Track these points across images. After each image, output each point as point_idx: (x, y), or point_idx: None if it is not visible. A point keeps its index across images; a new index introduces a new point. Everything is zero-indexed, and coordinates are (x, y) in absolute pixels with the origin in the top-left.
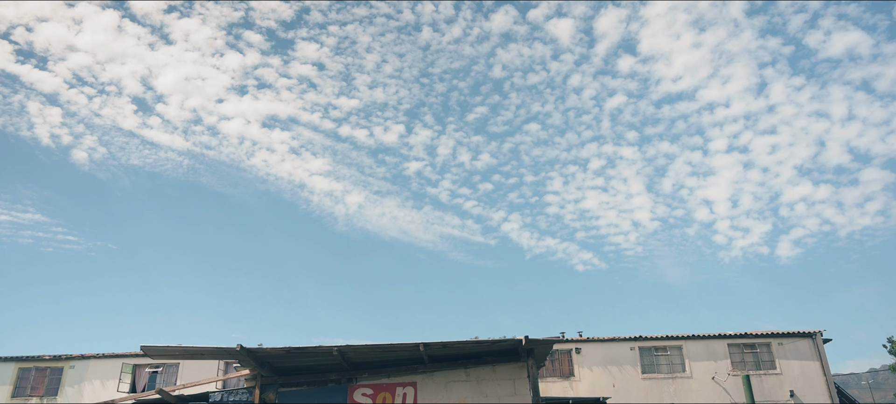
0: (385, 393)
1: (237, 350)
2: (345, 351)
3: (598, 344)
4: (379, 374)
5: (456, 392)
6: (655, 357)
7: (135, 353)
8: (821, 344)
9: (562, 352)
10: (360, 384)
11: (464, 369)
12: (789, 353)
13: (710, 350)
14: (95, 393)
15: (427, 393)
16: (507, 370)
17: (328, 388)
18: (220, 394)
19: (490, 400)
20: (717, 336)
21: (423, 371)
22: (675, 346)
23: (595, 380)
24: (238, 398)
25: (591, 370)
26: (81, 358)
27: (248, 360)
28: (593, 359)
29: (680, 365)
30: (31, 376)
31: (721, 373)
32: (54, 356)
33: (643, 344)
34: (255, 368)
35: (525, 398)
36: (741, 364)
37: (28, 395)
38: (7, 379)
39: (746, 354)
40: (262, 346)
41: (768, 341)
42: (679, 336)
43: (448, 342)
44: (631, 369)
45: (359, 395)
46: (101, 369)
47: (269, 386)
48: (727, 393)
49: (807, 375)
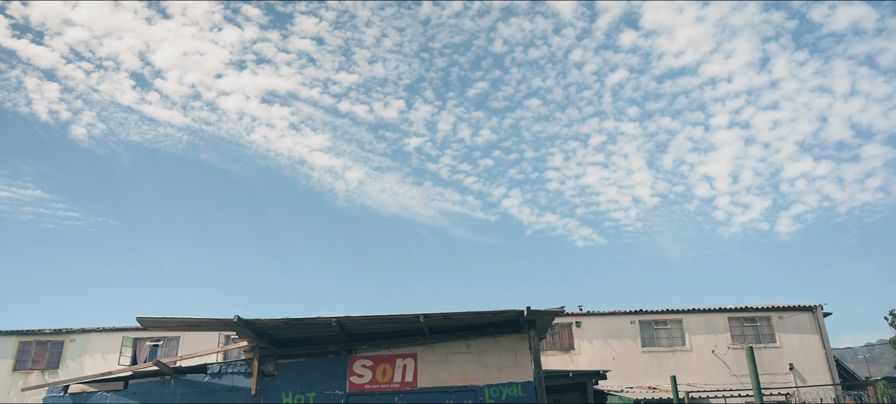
0: (385, 365)
1: (234, 321)
2: (344, 322)
3: (598, 317)
4: (378, 346)
5: (456, 363)
6: (655, 330)
7: (135, 327)
8: (821, 317)
9: (562, 326)
10: (360, 355)
11: (464, 341)
12: (789, 327)
13: (710, 323)
14: (96, 366)
15: (427, 364)
16: (508, 341)
17: (327, 360)
18: (217, 366)
19: (491, 372)
20: (718, 309)
21: (423, 342)
22: (675, 320)
23: (595, 354)
24: (236, 369)
25: (591, 343)
26: (82, 332)
27: (245, 331)
28: (593, 333)
29: (680, 338)
30: (31, 349)
31: (721, 347)
32: (55, 330)
33: (643, 318)
34: (253, 339)
35: (526, 369)
36: (741, 337)
37: (29, 368)
38: (8, 353)
39: (746, 327)
40: (259, 318)
41: (769, 314)
42: (679, 309)
43: (448, 313)
44: (631, 342)
45: (358, 367)
46: (101, 342)
47: (267, 358)
48: (727, 367)
49: (806, 348)
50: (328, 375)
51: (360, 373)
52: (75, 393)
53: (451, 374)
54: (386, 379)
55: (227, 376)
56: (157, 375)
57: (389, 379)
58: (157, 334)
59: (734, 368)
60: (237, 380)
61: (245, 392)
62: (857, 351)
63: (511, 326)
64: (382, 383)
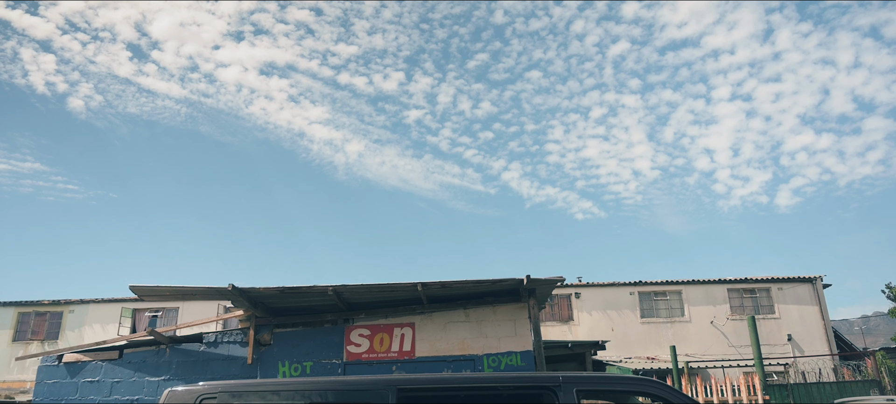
0: (382, 334)
1: (229, 289)
2: (340, 290)
3: (597, 289)
4: (376, 315)
5: (455, 332)
6: (654, 302)
7: (134, 298)
8: (820, 289)
9: (561, 297)
10: (357, 325)
11: (463, 310)
12: (788, 298)
13: (709, 295)
14: (96, 336)
15: (425, 333)
16: (507, 311)
17: (324, 329)
18: (213, 335)
19: (490, 341)
20: (717, 281)
21: (421, 311)
22: (674, 291)
23: (594, 324)
24: (232, 338)
25: (591, 314)
26: (80, 303)
27: (240, 300)
28: (592, 304)
29: (679, 309)
30: (30, 320)
31: (720, 318)
32: (53, 301)
33: (643, 289)
34: (248, 309)
35: (526, 339)
36: (740, 308)
37: (28, 339)
38: (7, 324)
39: (745, 299)
40: (255, 287)
41: (768, 286)
42: (679, 281)
43: (447, 282)
44: (630, 313)
45: (355, 336)
46: (101, 313)
47: (263, 327)
48: (725, 337)
49: (805, 320)
50: (325, 344)
51: (357, 343)
52: (70, 363)
53: (450, 344)
54: (383, 348)
55: (223, 345)
56: (153, 344)
57: (387, 349)
58: (156, 305)
59: (733, 339)
60: (233, 349)
61: (241, 361)
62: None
63: (510, 296)
64: (380, 352)
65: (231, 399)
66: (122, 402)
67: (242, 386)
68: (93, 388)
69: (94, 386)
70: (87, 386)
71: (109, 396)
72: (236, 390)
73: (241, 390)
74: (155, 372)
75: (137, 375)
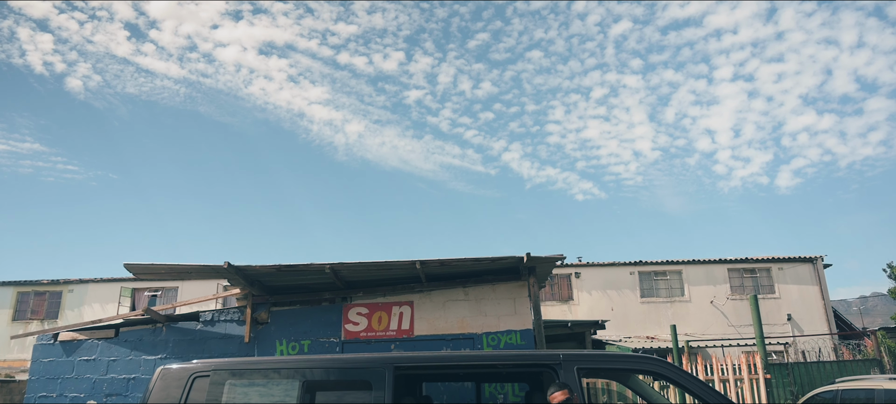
0: (380, 313)
1: (225, 267)
2: (338, 268)
3: (597, 268)
4: (374, 293)
5: (454, 311)
6: (654, 281)
7: (133, 278)
8: (821, 269)
9: (561, 277)
10: (355, 303)
11: (462, 288)
12: (789, 278)
13: (709, 274)
14: (95, 315)
15: (424, 312)
16: (507, 289)
17: (322, 307)
18: (210, 314)
19: (489, 319)
20: (718, 260)
21: (419, 290)
22: (674, 271)
23: (594, 304)
24: (229, 317)
25: (590, 294)
26: (80, 283)
27: (236, 278)
28: (592, 284)
29: (679, 289)
30: (30, 300)
31: (720, 298)
32: (52, 280)
33: (643, 269)
34: (245, 287)
35: (526, 317)
36: (740, 288)
37: (28, 318)
38: (6, 304)
39: (746, 279)
40: (251, 265)
41: (768, 266)
42: (679, 260)
43: (446, 260)
44: (630, 293)
45: (353, 314)
46: (100, 293)
47: (260, 306)
48: (725, 317)
49: (805, 299)
50: (323, 323)
51: (355, 321)
52: (65, 342)
53: (449, 322)
54: (382, 326)
55: (219, 324)
56: (149, 323)
57: (385, 327)
58: (155, 284)
59: (732, 318)
60: (230, 328)
61: (238, 339)
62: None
63: (510, 274)
64: (378, 331)
65: (224, 377)
66: (119, 380)
67: (236, 364)
68: (89, 367)
69: (91, 364)
70: (84, 365)
71: (106, 374)
72: (229, 368)
73: (235, 368)
74: (151, 350)
75: (134, 354)
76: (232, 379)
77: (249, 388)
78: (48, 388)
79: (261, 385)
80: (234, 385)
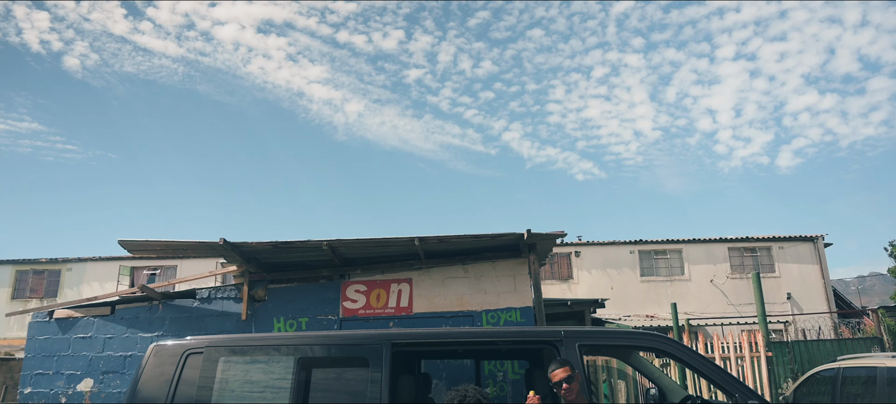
0: (379, 290)
1: (220, 244)
2: (335, 245)
3: (597, 247)
4: (373, 271)
5: (453, 288)
6: (654, 260)
7: (132, 256)
8: (822, 248)
9: (561, 256)
10: (353, 280)
11: (462, 265)
12: (789, 257)
13: (709, 253)
14: (94, 294)
15: (423, 289)
16: (507, 266)
17: (320, 285)
18: (207, 291)
19: (489, 297)
20: (718, 240)
21: (418, 267)
22: (675, 250)
23: (593, 283)
24: (226, 294)
25: (590, 273)
26: (78, 261)
27: (233, 255)
28: (592, 262)
29: (679, 268)
30: (28, 278)
31: (720, 277)
32: (50, 259)
33: (643, 248)
34: (241, 264)
35: (526, 295)
36: (740, 267)
37: (27, 297)
38: (5, 282)
39: (746, 258)
40: (247, 241)
41: (769, 245)
42: (680, 239)
43: (445, 236)
44: (629, 272)
45: (352, 292)
46: (99, 271)
47: (257, 283)
48: (725, 296)
49: (805, 278)
50: (321, 300)
51: (353, 299)
52: (61, 319)
53: (448, 299)
54: (380, 304)
55: (216, 301)
56: (145, 300)
57: (384, 304)
58: (154, 263)
59: (732, 297)
60: (227, 305)
61: (235, 317)
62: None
63: (510, 251)
64: (377, 308)
65: (218, 353)
66: (116, 358)
67: (230, 340)
68: (85, 344)
69: (87, 342)
70: (80, 342)
71: (102, 352)
72: (223, 344)
73: (229, 345)
74: (148, 327)
75: (130, 331)
76: (226, 356)
77: (244, 365)
78: (44, 366)
79: (255, 362)
80: (229, 361)
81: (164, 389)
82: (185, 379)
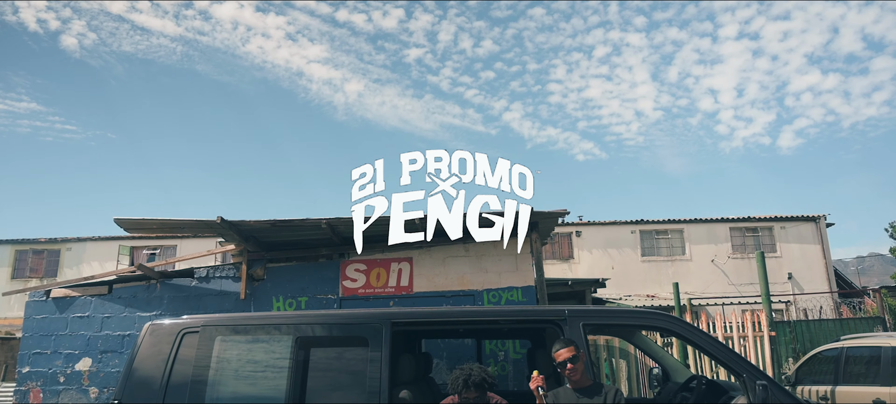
0: (379, 269)
1: (217, 222)
2: (335, 224)
3: (598, 227)
4: (373, 250)
5: (454, 267)
6: (656, 240)
7: (131, 236)
8: (824, 228)
9: (562, 235)
10: (353, 259)
11: (463, 244)
12: (791, 237)
13: (711, 233)
14: (93, 273)
15: (423, 268)
16: (509, 245)
17: (319, 264)
18: (205, 270)
19: (490, 276)
20: (720, 219)
21: (419, 246)
22: (676, 230)
23: (594, 263)
24: (224, 273)
25: (591, 253)
26: (78, 241)
27: (230, 234)
28: (593, 242)
29: (680, 248)
30: (28, 258)
31: (721, 256)
32: (50, 239)
33: (644, 228)
34: (239, 243)
35: (527, 274)
36: (742, 247)
37: (27, 276)
38: (5, 262)
39: (747, 237)
40: (245, 220)
41: (771, 224)
42: (681, 219)
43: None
44: (630, 252)
45: (351, 271)
46: (98, 251)
47: (256, 262)
48: (725, 276)
49: (807, 258)
50: (320, 279)
51: (353, 278)
52: (58, 298)
53: (449, 279)
54: (380, 283)
55: (215, 280)
56: (143, 279)
57: (384, 284)
58: (154, 242)
59: (733, 277)
60: (226, 285)
61: (234, 296)
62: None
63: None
64: (377, 287)
65: (214, 333)
66: (114, 337)
67: (227, 319)
68: (83, 323)
69: (84, 321)
70: (77, 321)
71: (100, 331)
72: (220, 323)
73: (225, 324)
74: (145, 307)
75: (128, 310)
76: (222, 335)
77: (241, 345)
78: (42, 345)
79: (252, 341)
80: (225, 341)
81: (160, 368)
82: (181, 359)
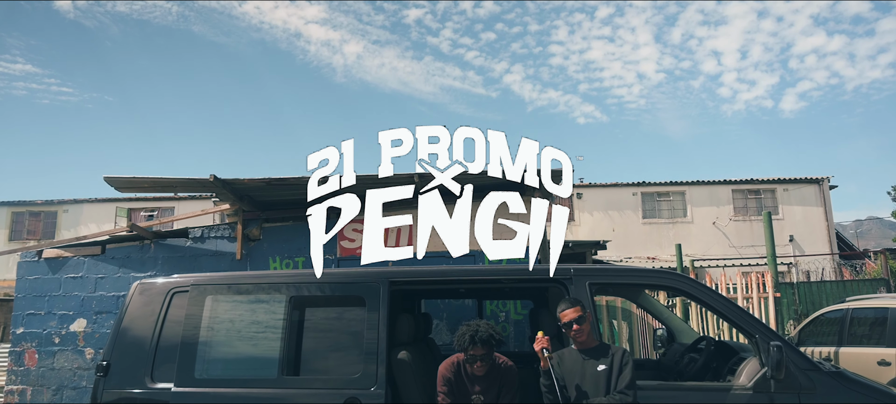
0: None
1: (211, 180)
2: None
3: (599, 189)
4: None
5: None
6: (657, 202)
7: (129, 198)
8: (827, 190)
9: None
10: (352, 219)
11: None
12: (793, 199)
13: (713, 196)
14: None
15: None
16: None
17: None
18: (200, 230)
19: None
20: (722, 182)
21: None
22: (677, 192)
23: (595, 225)
24: (220, 233)
25: (592, 215)
26: (74, 203)
27: (224, 193)
28: (594, 205)
29: (681, 210)
30: (25, 220)
31: (722, 219)
32: (46, 201)
33: (645, 190)
34: (234, 202)
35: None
36: (744, 209)
37: (24, 239)
38: (2, 224)
39: (749, 200)
40: (239, 178)
41: (773, 187)
42: (683, 181)
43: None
44: (632, 214)
45: (349, 231)
46: (95, 213)
47: (252, 222)
48: (727, 238)
49: (809, 221)
50: None
51: (351, 238)
52: (50, 259)
53: None
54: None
55: (210, 240)
56: (137, 240)
57: (383, 243)
58: (151, 204)
59: (733, 240)
60: (221, 245)
61: (230, 256)
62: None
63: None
64: None
65: (205, 292)
66: (108, 298)
67: (217, 278)
68: (76, 284)
69: (78, 282)
70: (71, 282)
71: (94, 292)
72: (210, 283)
73: (216, 283)
74: (140, 267)
75: (122, 271)
76: (213, 295)
77: (232, 304)
78: (36, 306)
79: (244, 301)
80: (216, 301)
81: (149, 328)
82: (172, 318)
